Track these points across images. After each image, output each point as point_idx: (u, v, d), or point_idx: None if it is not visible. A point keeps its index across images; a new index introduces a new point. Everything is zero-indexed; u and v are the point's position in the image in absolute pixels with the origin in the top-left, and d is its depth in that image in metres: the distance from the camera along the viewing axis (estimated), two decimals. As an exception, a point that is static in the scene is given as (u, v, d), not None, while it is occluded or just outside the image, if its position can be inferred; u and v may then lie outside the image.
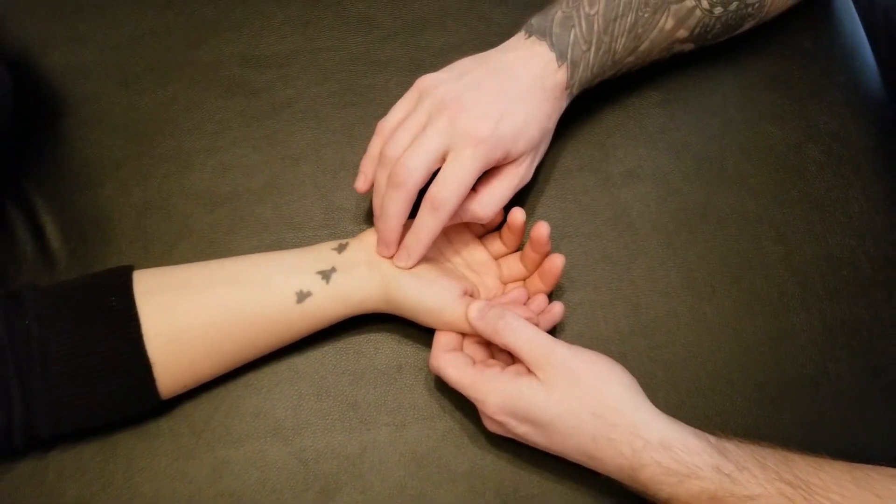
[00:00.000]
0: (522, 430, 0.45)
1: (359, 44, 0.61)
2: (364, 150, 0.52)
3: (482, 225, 0.54)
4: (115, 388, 0.45)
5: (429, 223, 0.47)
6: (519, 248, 0.54)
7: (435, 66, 0.52)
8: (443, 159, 0.47)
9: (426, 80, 0.50)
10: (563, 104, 0.52)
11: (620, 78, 0.57)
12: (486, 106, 0.47)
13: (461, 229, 0.54)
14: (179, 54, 0.60)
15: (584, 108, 0.58)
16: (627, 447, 0.43)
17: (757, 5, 0.54)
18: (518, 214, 0.51)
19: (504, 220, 0.53)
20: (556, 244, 0.54)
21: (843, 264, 0.55)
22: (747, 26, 0.56)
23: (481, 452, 0.50)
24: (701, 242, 0.55)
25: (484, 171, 0.48)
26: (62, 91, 0.58)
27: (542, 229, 0.49)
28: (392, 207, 0.47)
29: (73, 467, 0.49)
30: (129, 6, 0.61)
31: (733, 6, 0.53)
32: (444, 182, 0.46)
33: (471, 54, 0.52)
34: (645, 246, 0.55)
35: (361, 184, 0.52)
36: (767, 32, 0.61)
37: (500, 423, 0.46)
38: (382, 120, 0.51)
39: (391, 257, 0.49)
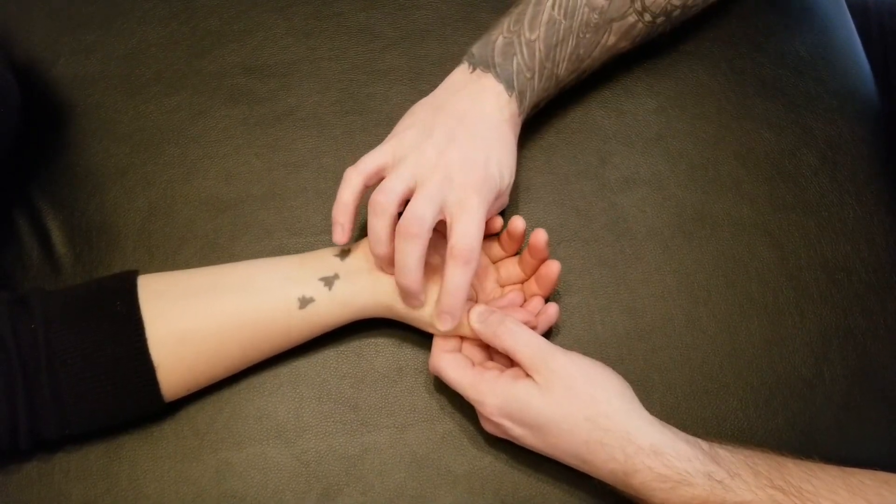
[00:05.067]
0: (518, 433, 0.46)
1: (359, 53, 0.61)
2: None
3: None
4: (120, 390, 0.46)
5: (461, 277, 0.46)
6: (517, 252, 0.55)
7: (434, 74, 0.53)
8: (441, 214, 0.47)
9: (398, 143, 0.49)
10: (519, 127, 0.54)
11: (617, 86, 0.58)
12: (470, 156, 0.48)
13: None
14: (184, 64, 0.61)
15: (581, 116, 0.59)
16: (620, 452, 0.43)
17: (700, 3, 0.55)
18: (518, 223, 0.51)
19: (504, 227, 0.53)
20: (553, 249, 0.55)
21: (837, 269, 0.56)
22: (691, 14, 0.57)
23: (480, 454, 0.51)
24: (696, 247, 0.56)
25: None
26: (69, 100, 0.59)
27: (540, 236, 0.50)
28: (411, 259, 0.46)
29: (79, 469, 0.50)
30: (134, 18, 0.62)
31: (676, 13, 0.54)
32: (465, 233, 0.46)
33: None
34: (641, 251, 0.56)
35: (340, 236, 0.50)
36: (762, 40, 0.62)
37: (496, 425, 0.47)
38: (352, 168, 0.50)
39: (421, 305, 0.49)
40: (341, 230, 0.50)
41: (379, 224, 0.47)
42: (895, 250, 0.57)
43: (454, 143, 0.48)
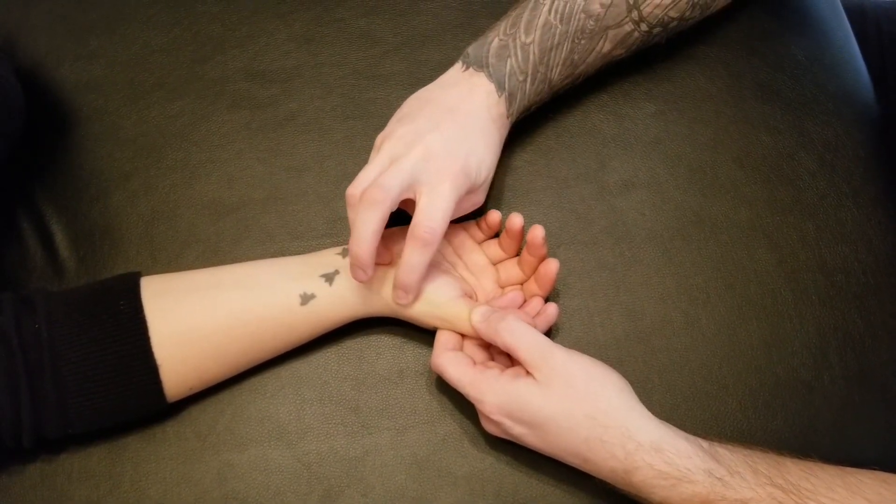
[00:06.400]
0: (518, 431, 0.46)
1: (360, 59, 0.62)
2: (366, 162, 0.53)
3: (482, 231, 0.55)
4: (123, 389, 0.46)
5: (420, 257, 0.46)
6: (517, 253, 0.55)
7: (434, 79, 0.54)
8: (411, 192, 0.47)
9: (382, 136, 0.50)
10: (507, 129, 0.54)
11: (616, 90, 0.58)
12: (451, 144, 0.48)
13: (461, 234, 0.55)
14: (186, 70, 0.61)
15: (580, 120, 0.60)
16: (620, 449, 0.44)
17: (698, 15, 0.56)
18: (516, 220, 0.52)
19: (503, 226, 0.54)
20: (553, 252, 0.55)
21: (835, 271, 0.56)
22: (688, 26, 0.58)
23: (481, 456, 0.51)
24: (695, 250, 0.56)
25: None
26: (73, 105, 0.60)
27: (536, 232, 0.50)
28: (366, 228, 0.45)
29: (82, 471, 0.50)
30: (138, 24, 0.62)
31: (673, 24, 0.55)
32: (430, 215, 0.46)
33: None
34: (640, 253, 0.56)
35: None
36: (760, 44, 0.62)
37: (497, 424, 0.47)
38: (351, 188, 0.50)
39: (367, 281, 0.48)
40: None
41: (353, 216, 0.47)
42: (893, 252, 0.57)
43: (437, 130, 0.48)
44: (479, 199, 0.52)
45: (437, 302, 0.49)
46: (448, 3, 0.63)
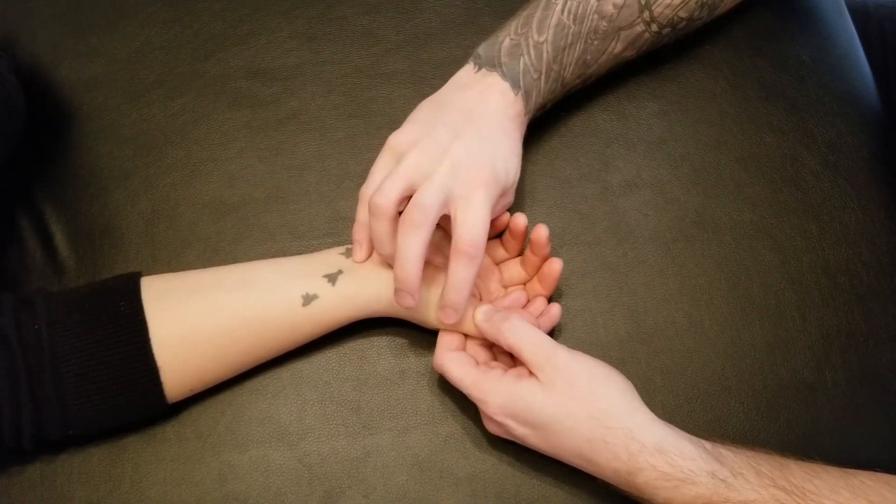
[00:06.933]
0: (521, 432, 0.46)
1: (363, 57, 0.62)
2: (368, 161, 0.52)
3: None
4: (123, 391, 0.46)
5: (467, 273, 0.46)
6: (520, 253, 0.55)
7: (437, 78, 0.54)
8: (446, 208, 0.46)
9: (399, 139, 0.49)
10: (525, 127, 0.53)
11: (619, 89, 0.58)
12: (475, 152, 0.47)
13: None
14: (187, 67, 0.61)
15: (583, 120, 0.59)
16: (623, 450, 0.43)
17: (706, 16, 0.56)
18: (520, 220, 0.51)
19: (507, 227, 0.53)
20: (556, 252, 0.55)
21: (839, 272, 0.56)
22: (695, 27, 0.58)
23: (483, 457, 0.51)
24: (698, 251, 0.56)
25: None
26: (73, 103, 0.59)
27: (541, 231, 0.50)
28: (411, 251, 0.45)
29: (82, 471, 0.50)
30: (138, 21, 0.62)
31: (682, 25, 0.55)
32: (469, 228, 0.46)
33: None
34: (643, 254, 0.56)
35: (360, 255, 0.50)
36: (764, 44, 0.62)
37: (500, 425, 0.47)
38: (364, 186, 0.50)
39: (415, 307, 0.47)
40: (360, 248, 0.50)
41: (378, 225, 0.47)
42: (896, 253, 0.57)
43: (459, 138, 0.47)
44: (509, 200, 0.52)
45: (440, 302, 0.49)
46: (451, 1, 0.63)
